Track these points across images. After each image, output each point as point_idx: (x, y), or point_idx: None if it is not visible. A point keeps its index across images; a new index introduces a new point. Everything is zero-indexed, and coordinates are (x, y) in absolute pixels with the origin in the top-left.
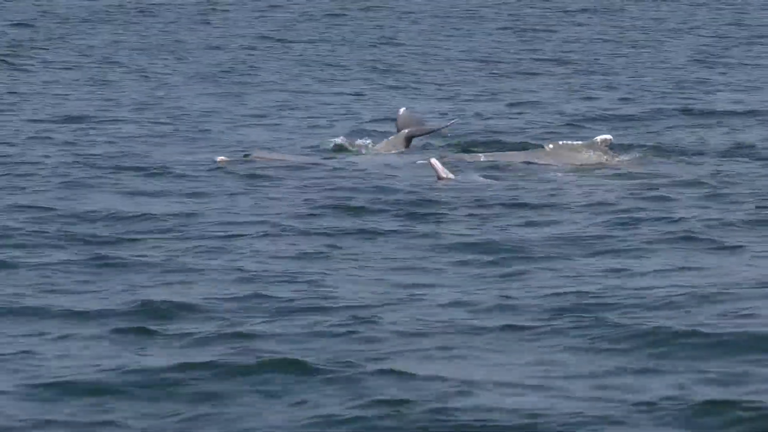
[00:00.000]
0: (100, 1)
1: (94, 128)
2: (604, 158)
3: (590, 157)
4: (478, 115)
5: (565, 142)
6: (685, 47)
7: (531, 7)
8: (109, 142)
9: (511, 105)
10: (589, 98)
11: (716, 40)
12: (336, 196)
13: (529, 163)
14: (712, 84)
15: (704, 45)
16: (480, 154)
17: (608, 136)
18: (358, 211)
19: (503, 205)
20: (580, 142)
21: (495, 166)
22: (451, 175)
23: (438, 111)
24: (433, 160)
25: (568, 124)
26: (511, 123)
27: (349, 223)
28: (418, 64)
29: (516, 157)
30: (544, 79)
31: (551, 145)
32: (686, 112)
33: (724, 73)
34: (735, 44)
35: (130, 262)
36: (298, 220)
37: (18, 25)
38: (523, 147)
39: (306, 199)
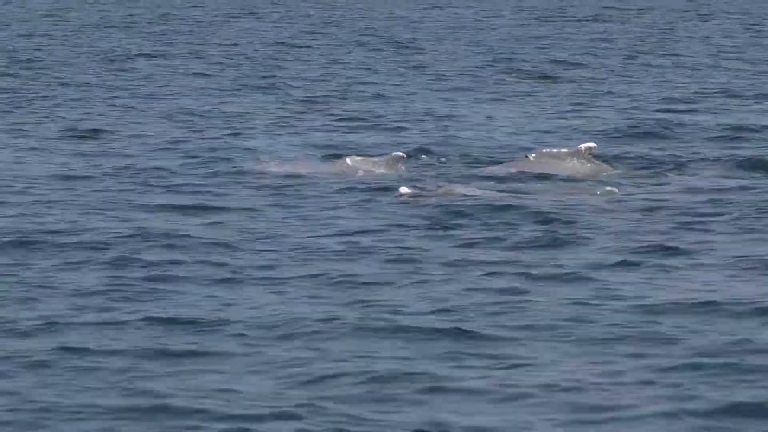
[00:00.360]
0: (117, 12)
1: (116, 139)
2: (587, 166)
3: (574, 165)
4: (491, 118)
5: (548, 150)
6: (700, 55)
7: (544, 16)
8: (132, 154)
9: (524, 113)
10: (599, 107)
11: (731, 47)
12: (351, 208)
13: (514, 173)
14: (725, 93)
15: (718, 53)
16: (464, 167)
17: (592, 144)
18: (370, 224)
19: (500, 220)
20: (564, 150)
21: (480, 178)
22: (410, 191)
23: (455, 115)
24: (403, 189)
25: (577, 132)
26: (519, 130)
27: (366, 238)
28: (434, 69)
29: (501, 169)
30: (558, 87)
31: (534, 155)
32: (694, 124)
33: (737, 77)
34: (747, 51)
35: (162, 281)
36: (323, 236)
37: (31, 36)
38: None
39: (321, 214)
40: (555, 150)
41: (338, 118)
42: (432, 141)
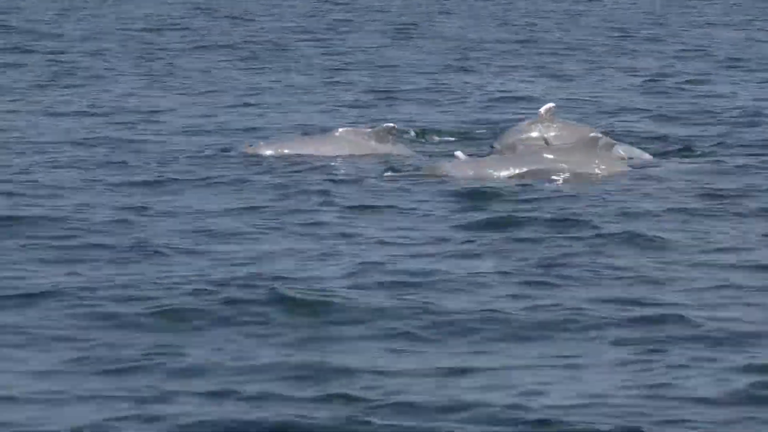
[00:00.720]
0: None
1: (140, 124)
2: (554, 127)
3: (540, 131)
4: (506, 92)
5: (513, 126)
6: (721, 32)
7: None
8: (155, 135)
9: (543, 88)
10: (618, 83)
11: (749, 26)
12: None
13: (493, 151)
14: (737, 74)
15: (738, 32)
16: (456, 143)
17: (551, 104)
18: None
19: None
20: (526, 122)
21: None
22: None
23: (470, 89)
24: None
25: (592, 107)
26: (533, 105)
27: (373, 219)
28: (449, 44)
29: (490, 146)
30: (577, 63)
31: (497, 140)
32: (716, 101)
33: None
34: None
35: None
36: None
37: (48, 11)
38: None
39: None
40: (521, 124)
41: (359, 91)
42: (441, 115)
